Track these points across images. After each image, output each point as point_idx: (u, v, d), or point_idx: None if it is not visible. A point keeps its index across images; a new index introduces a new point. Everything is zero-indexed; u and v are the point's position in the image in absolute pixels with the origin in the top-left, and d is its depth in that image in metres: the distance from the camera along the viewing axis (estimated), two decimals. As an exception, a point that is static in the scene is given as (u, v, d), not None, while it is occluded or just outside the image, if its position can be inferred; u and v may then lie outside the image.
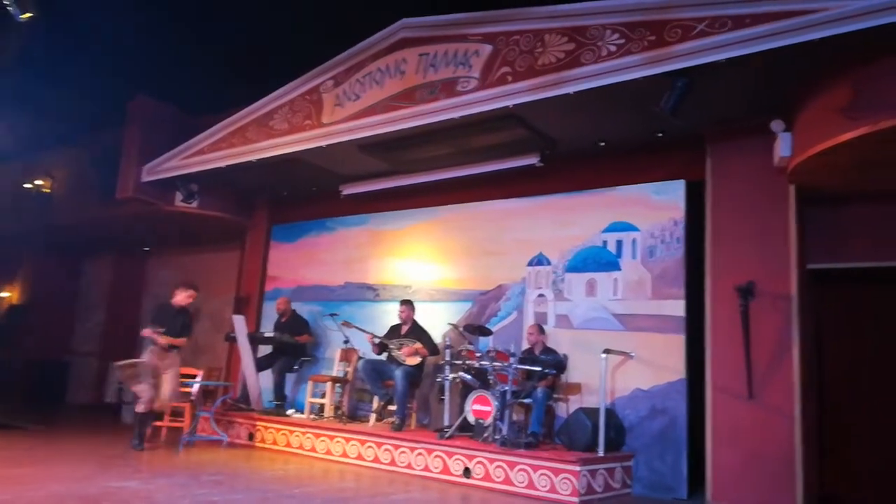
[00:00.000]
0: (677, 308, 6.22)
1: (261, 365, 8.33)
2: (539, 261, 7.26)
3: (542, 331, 6.78)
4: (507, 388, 6.02)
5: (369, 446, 6.65)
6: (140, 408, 6.60)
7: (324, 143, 7.45)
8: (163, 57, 9.85)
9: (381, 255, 8.73)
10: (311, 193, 9.33)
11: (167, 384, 6.65)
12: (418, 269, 8.32)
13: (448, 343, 7.16)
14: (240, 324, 8.27)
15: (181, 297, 6.99)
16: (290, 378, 8.61)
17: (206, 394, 8.27)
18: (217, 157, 8.50)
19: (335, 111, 7.48)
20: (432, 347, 7.15)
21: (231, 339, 8.63)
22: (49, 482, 4.81)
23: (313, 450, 7.08)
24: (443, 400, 6.94)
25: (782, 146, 5.51)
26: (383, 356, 7.34)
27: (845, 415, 6.05)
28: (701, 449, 5.87)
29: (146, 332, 6.70)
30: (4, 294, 15.84)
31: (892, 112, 4.47)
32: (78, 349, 13.73)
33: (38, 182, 12.31)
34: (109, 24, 8.35)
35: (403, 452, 6.38)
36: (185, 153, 8.87)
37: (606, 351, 6.00)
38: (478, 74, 6.30)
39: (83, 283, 14.30)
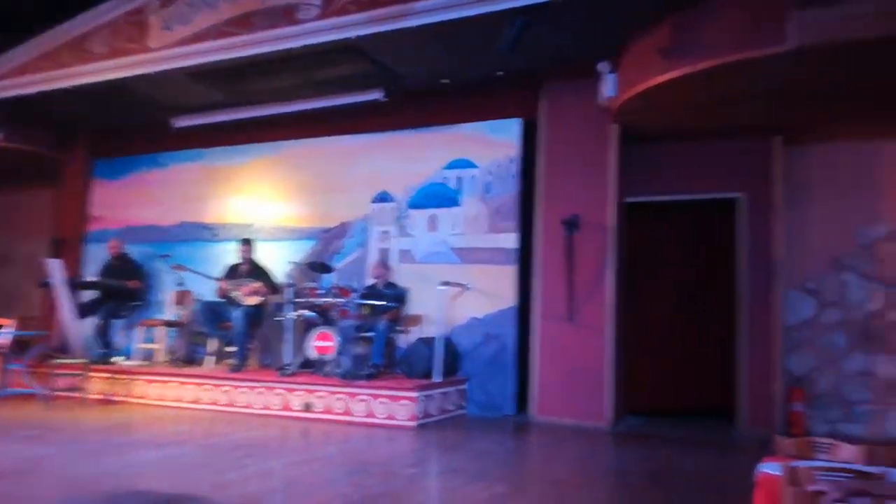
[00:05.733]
0: (510, 241, 6.54)
1: (84, 311, 7.67)
2: (383, 198, 7.26)
3: (385, 266, 6.84)
4: (349, 323, 6.04)
5: (206, 388, 6.42)
6: None
7: (150, 69, 6.83)
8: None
9: (219, 192, 8.28)
10: (139, 126, 8.56)
11: None
12: (259, 207, 8.01)
13: (290, 282, 7.01)
14: (55, 268, 7.51)
15: None
16: (118, 324, 8.02)
17: (22, 345, 7.51)
18: (23, 83, 7.52)
19: (163, 35, 6.86)
20: (273, 286, 6.97)
21: (45, 286, 7.83)
22: None
23: (144, 396, 6.71)
24: (285, 339, 6.83)
25: (607, 87, 5.86)
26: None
27: (654, 332, 6.77)
28: (530, 371, 6.30)
29: None
30: None
31: (708, 55, 4.86)
32: None
33: None
34: None
35: (243, 392, 6.24)
36: (-17, 77, 7.75)
37: (444, 283, 6.20)
38: (319, 2, 6.05)
39: None
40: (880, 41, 4.27)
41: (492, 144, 6.77)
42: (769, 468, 2.70)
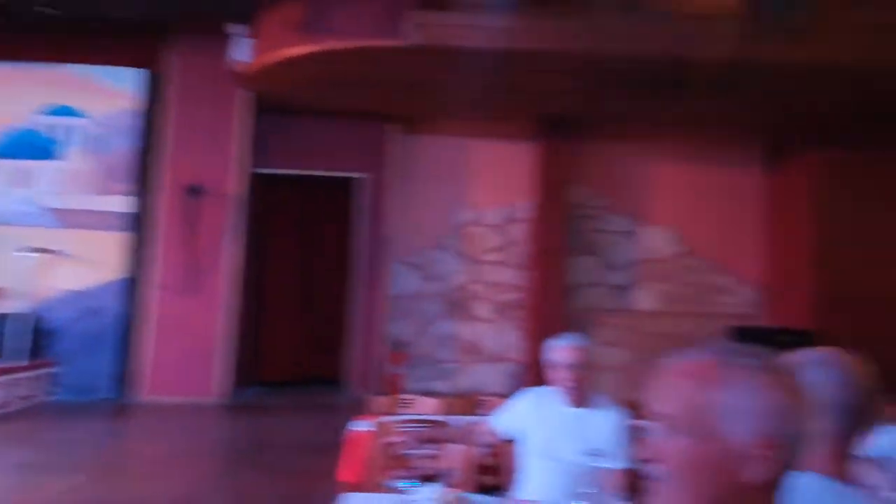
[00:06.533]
0: (124, 204, 5.85)
1: None
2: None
3: (-53, 226, 5.46)
4: None
5: None
6: None
7: None
8: None
9: None
10: None
11: None
12: None
13: None
14: None
15: None
16: None
17: None
18: None
19: None
20: None
21: None
22: None
23: None
24: None
25: (241, 51, 5.61)
26: None
27: (279, 303, 6.83)
28: (139, 348, 5.77)
29: None
30: None
31: (335, 37, 5.00)
32: None
33: None
34: None
35: None
36: None
37: (32, 249, 5.23)
38: None
39: None
40: (479, 52, 4.96)
41: (105, 93, 5.92)
42: (359, 426, 2.93)
